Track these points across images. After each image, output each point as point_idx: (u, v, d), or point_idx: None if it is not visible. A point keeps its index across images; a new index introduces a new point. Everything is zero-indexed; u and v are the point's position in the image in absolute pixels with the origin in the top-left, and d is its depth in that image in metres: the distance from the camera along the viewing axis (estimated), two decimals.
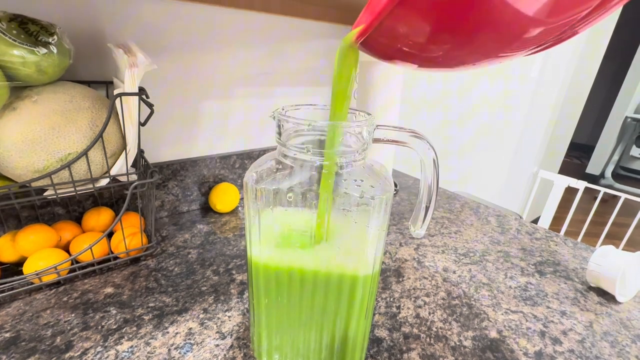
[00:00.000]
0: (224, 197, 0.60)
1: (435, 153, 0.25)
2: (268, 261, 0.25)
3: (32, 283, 0.39)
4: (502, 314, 0.40)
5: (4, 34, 0.31)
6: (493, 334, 0.37)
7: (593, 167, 3.45)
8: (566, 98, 1.80)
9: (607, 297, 0.44)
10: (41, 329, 0.34)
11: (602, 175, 3.31)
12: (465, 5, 0.14)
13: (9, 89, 0.33)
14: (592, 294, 0.45)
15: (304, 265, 0.24)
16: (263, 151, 0.68)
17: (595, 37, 1.78)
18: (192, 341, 0.34)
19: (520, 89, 1.61)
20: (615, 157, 3.25)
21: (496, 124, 1.57)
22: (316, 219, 0.23)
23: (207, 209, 0.62)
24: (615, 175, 3.32)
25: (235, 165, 0.65)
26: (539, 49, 0.17)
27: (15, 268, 0.42)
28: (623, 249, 0.49)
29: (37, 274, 0.37)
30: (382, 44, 0.19)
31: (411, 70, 0.99)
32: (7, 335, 0.33)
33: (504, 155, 1.76)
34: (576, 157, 4.09)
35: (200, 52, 0.56)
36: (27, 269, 0.38)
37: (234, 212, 0.62)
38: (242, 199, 0.65)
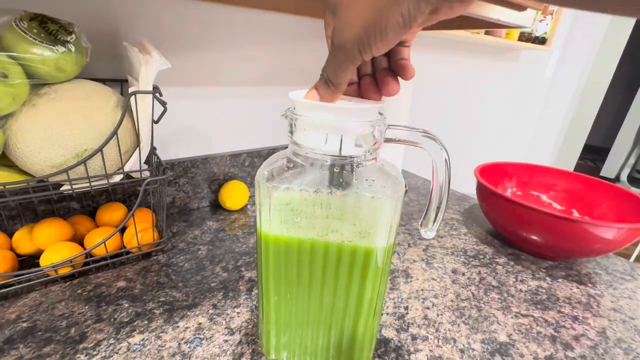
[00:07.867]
0: (233, 195, 0.60)
1: (448, 154, 0.25)
2: (279, 234, 0.25)
3: (48, 275, 0.40)
4: (512, 318, 0.39)
5: (25, 32, 0.32)
6: (502, 338, 0.36)
7: (608, 171, 3.36)
8: (581, 100, 1.76)
9: (620, 302, 0.43)
10: (56, 319, 0.35)
11: (617, 178, 3.23)
12: None
13: (29, 86, 0.34)
14: (606, 300, 0.44)
15: (316, 238, 0.24)
16: (273, 150, 0.69)
17: (612, 40, 1.74)
18: (201, 336, 0.34)
19: (533, 90, 1.59)
20: (632, 161, 3.17)
21: (509, 125, 1.55)
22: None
23: (216, 206, 0.63)
24: (632, 179, 3.23)
25: (245, 163, 0.66)
26: None
27: (31, 260, 0.43)
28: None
29: (53, 267, 0.38)
30: None
31: (421, 71, 0.98)
32: (25, 325, 0.34)
33: (516, 156, 1.73)
34: (590, 160, 3.99)
35: (213, 50, 0.56)
36: (44, 261, 0.39)
37: (243, 209, 0.62)
38: (251, 196, 0.65)
